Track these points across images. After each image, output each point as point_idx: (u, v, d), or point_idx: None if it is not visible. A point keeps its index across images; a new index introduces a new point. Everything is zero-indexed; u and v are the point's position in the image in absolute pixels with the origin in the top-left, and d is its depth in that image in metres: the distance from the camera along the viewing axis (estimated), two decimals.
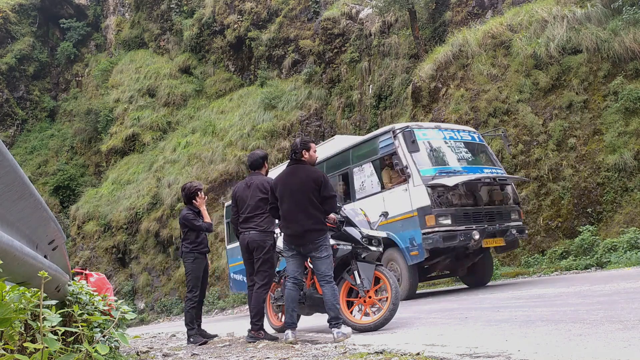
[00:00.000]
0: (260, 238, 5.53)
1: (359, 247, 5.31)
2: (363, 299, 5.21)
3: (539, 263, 10.66)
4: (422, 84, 14.14)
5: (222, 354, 4.54)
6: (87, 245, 21.97)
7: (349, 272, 5.30)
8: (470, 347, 3.35)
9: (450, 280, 11.70)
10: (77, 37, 31.93)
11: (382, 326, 5.02)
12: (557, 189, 11.13)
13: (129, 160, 24.17)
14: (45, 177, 27.65)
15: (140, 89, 26.20)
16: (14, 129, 29.75)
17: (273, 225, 5.64)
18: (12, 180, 1.96)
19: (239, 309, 15.81)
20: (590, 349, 2.86)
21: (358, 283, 5.18)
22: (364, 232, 5.31)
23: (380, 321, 5.02)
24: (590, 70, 11.52)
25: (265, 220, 5.56)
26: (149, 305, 19.46)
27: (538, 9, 13.03)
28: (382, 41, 18.45)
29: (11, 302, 1.79)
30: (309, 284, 5.78)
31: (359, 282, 5.17)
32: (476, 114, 12.65)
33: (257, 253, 5.55)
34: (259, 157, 5.84)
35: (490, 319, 4.79)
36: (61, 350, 2.17)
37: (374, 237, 5.39)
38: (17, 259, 1.85)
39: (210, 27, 24.91)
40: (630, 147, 10.44)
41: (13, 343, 1.87)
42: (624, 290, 5.58)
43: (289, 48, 21.87)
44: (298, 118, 19.67)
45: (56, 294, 2.69)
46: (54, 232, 2.91)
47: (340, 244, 5.36)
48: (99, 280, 4.87)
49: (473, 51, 13.22)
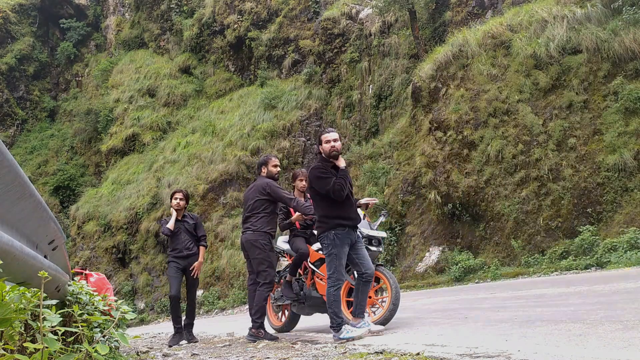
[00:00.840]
0: (252, 238, 5.61)
1: None
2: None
3: (539, 263, 10.66)
4: (422, 84, 14.13)
5: (222, 354, 4.54)
6: (87, 245, 21.97)
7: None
8: (470, 347, 3.35)
9: (450, 280, 11.71)
10: (77, 37, 31.92)
11: (382, 326, 5.02)
12: (557, 189, 11.12)
13: (129, 160, 24.16)
14: (45, 177, 27.64)
15: (140, 89, 26.18)
16: (14, 129, 29.74)
17: (269, 226, 5.66)
18: (12, 180, 1.96)
19: (239, 308, 15.81)
20: (590, 349, 2.86)
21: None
22: (364, 232, 5.31)
23: (380, 321, 5.01)
24: (590, 71, 11.51)
25: (260, 220, 5.61)
26: (149, 305, 19.45)
27: (538, 9, 13.02)
28: (382, 41, 18.45)
29: (11, 302, 1.79)
30: (309, 283, 5.78)
31: None
32: (476, 114, 12.64)
33: (251, 253, 5.63)
34: (258, 162, 6.13)
35: (490, 319, 4.79)
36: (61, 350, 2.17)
37: (374, 237, 5.39)
38: (17, 259, 1.85)
39: (210, 27, 24.90)
40: (630, 147, 10.44)
41: (13, 343, 1.87)
42: (624, 290, 5.58)
43: (289, 48, 21.86)
44: (298, 118, 19.66)
45: (56, 294, 2.69)
46: (54, 232, 2.91)
47: None
48: (99, 281, 4.87)
49: (473, 51, 13.21)
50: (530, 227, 11.28)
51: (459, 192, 12.43)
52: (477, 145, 12.46)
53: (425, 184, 13.44)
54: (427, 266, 12.86)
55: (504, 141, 12.00)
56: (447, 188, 12.69)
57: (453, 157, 12.86)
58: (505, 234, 11.68)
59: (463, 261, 11.67)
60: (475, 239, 12.38)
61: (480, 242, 12.27)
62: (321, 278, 5.48)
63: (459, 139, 12.78)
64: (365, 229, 5.38)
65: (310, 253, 5.72)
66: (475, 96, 12.82)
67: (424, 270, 12.79)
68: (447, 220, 13.01)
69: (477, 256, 11.96)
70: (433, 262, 12.83)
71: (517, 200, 11.51)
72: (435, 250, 12.98)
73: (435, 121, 13.41)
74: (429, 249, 13.23)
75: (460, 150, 12.75)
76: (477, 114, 12.64)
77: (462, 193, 12.39)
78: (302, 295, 5.79)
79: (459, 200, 12.49)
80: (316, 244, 5.62)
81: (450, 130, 13.00)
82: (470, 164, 12.49)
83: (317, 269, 5.56)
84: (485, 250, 12.07)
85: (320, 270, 5.51)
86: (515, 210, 11.48)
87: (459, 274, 11.57)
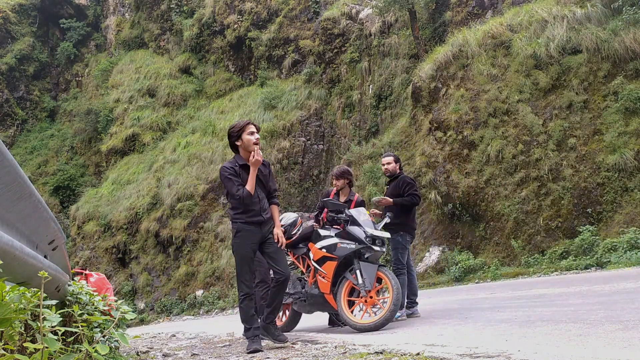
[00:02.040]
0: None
1: (362, 246, 5.31)
2: (364, 299, 5.21)
3: (539, 263, 10.66)
4: (422, 84, 14.14)
5: (222, 354, 4.53)
6: (87, 246, 21.97)
7: (351, 271, 5.30)
8: (470, 347, 3.35)
9: (450, 280, 11.71)
10: (77, 37, 31.92)
11: (382, 326, 5.02)
12: (557, 189, 11.13)
13: (129, 161, 24.16)
14: (45, 177, 27.64)
15: (140, 89, 26.19)
16: (14, 129, 29.74)
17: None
18: (12, 180, 1.96)
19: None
20: (590, 349, 2.86)
21: (360, 282, 5.18)
22: (368, 232, 5.30)
23: (381, 321, 5.01)
24: (590, 71, 11.51)
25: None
26: (149, 305, 19.45)
27: (538, 9, 13.03)
28: (382, 41, 18.45)
29: (11, 302, 1.79)
30: (310, 281, 5.77)
31: (361, 282, 5.17)
32: (476, 114, 12.65)
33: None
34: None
35: (490, 319, 4.79)
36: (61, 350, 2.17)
37: (378, 237, 5.38)
38: (17, 259, 1.85)
39: (210, 27, 24.90)
40: (630, 147, 10.44)
41: (13, 343, 1.87)
42: (624, 290, 5.58)
43: (289, 48, 21.86)
44: (298, 118, 19.66)
45: (56, 294, 2.69)
46: (54, 232, 2.91)
47: (344, 242, 5.36)
48: (99, 281, 4.86)
49: (473, 51, 13.22)
50: (530, 227, 11.28)
51: (459, 192, 12.44)
52: (477, 145, 12.46)
53: (425, 184, 13.44)
54: (427, 266, 12.87)
55: (504, 141, 12.01)
56: (447, 188, 12.69)
57: (453, 157, 12.86)
58: (505, 234, 11.68)
59: (463, 261, 11.67)
60: (475, 239, 12.39)
61: (480, 242, 12.27)
62: (323, 276, 5.48)
63: (459, 139, 12.78)
64: (370, 228, 5.38)
65: (313, 251, 5.72)
66: (475, 96, 12.83)
67: (424, 270, 12.79)
68: (447, 220, 13.01)
69: (477, 256, 11.97)
70: (433, 262, 12.83)
71: (517, 200, 11.52)
72: (435, 250, 12.99)
73: (435, 121, 13.42)
74: (429, 249, 13.23)
75: (460, 150, 12.75)
76: (477, 114, 12.64)
77: (462, 193, 12.39)
78: (304, 293, 5.78)
79: (459, 200, 12.49)
80: (320, 242, 5.61)
81: (450, 130, 13.00)
82: (470, 164, 12.50)
83: (319, 267, 5.56)
84: (485, 250, 12.07)
85: (322, 269, 5.51)
86: (515, 210, 11.48)
87: (459, 274, 11.58)
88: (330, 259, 5.42)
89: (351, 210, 5.61)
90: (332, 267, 5.39)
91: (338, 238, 5.45)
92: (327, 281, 5.42)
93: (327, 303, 5.55)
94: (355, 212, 5.59)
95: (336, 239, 5.46)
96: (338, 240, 5.42)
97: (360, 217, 5.47)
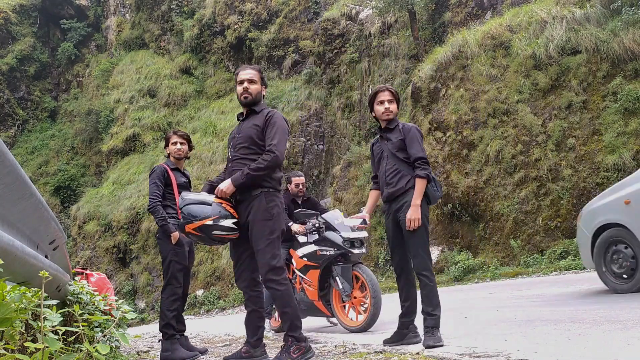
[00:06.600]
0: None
1: (341, 251, 5.23)
2: (350, 302, 5.21)
3: (538, 263, 10.66)
4: (421, 85, 14.15)
5: (222, 354, 4.54)
6: (87, 245, 21.98)
7: (332, 277, 5.28)
8: (469, 346, 3.36)
9: (449, 280, 11.72)
10: (77, 38, 31.93)
11: (372, 323, 4.98)
12: (556, 189, 11.13)
13: (130, 161, 24.18)
14: (46, 177, 27.65)
15: (141, 89, 26.20)
16: (15, 130, 29.74)
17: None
18: (13, 180, 1.97)
19: (239, 308, 15.81)
20: (589, 348, 2.87)
21: (340, 288, 5.15)
22: (344, 236, 5.23)
23: (367, 322, 4.99)
24: (590, 71, 11.52)
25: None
26: (150, 305, 19.46)
27: (537, 10, 13.04)
28: (381, 42, 18.46)
29: (12, 302, 1.80)
30: (298, 288, 5.73)
31: (341, 287, 5.14)
32: (475, 115, 12.66)
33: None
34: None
35: (490, 319, 4.80)
36: (62, 349, 2.18)
37: (356, 239, 5.32)
38: (18, 259, 1.85)
39: (210, 27, 24.91)
40: (630, 148, 10.44)
41: (14, 343, 1.88)
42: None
43: (289, 49, 21.87)
44: (298, 118, 19.67)
45: (57, 294, 2.70)
46: (54, 232, 2.92)
47: (323, 249, 5.31)
48: (100, 280, 4.87)
49: (472, 52, 13.23)
50: (529, 227, 11.29)
51: (459, 192, 12.44)
52: (476, 146, 12.47)
53: None
54: None
55: (504, 141, 12.02)
56: (447, 188, 12.69)
57: (452, 157, 12.87)
58: (504, 234, 11.69)
59: (462, 261, 11.68)
60: (475, 239, 12.39)
61: (479, 242, 12.28)
62: (309, 284, 5.45)
63: (458, 139, 12.79)
64: (346, 232, 5.25)
65: (295, 259, 5.67)
66: (475, 96, 12.84)
67: None
68: (446, 220, 13.02)
69: (476, 256, 11.97)
70: (432, 262, 12.82)
71: (517, 200, 11.52)
72: (435, 250, 12.99)
73: (435, 121, 13.43)
74: None
75: (459, 150, 12.76)
76: (476, 115, 12.65)
77: (461, 193, 12.40)
78: (296, 299, 5.79)
79: (458, 200, 12.50)
80: (300, 250, 5.56)
81: (449, 130, 13.01)
82: (469, 164, 12.51)
83: (304, 276, 5.51)
84: (484, 250, 12.08)
85: (307, 277, 5.47)
86: (514, 210, 11.49)
87: (459, 274, 11.58)
88: (313, 267, 5.36)
89: (325, 215, 5.55)
90: (316, 275, 5.34)
91: (316, 245, 5.37)
92: (313, 289, 5.39)
93: (317, 309, 5.52)
94: (329, 216, 5.51)
95: (314, 246, 5.38)
96: (317, 247, 5.34)
97: (334, 222, 5.36)
